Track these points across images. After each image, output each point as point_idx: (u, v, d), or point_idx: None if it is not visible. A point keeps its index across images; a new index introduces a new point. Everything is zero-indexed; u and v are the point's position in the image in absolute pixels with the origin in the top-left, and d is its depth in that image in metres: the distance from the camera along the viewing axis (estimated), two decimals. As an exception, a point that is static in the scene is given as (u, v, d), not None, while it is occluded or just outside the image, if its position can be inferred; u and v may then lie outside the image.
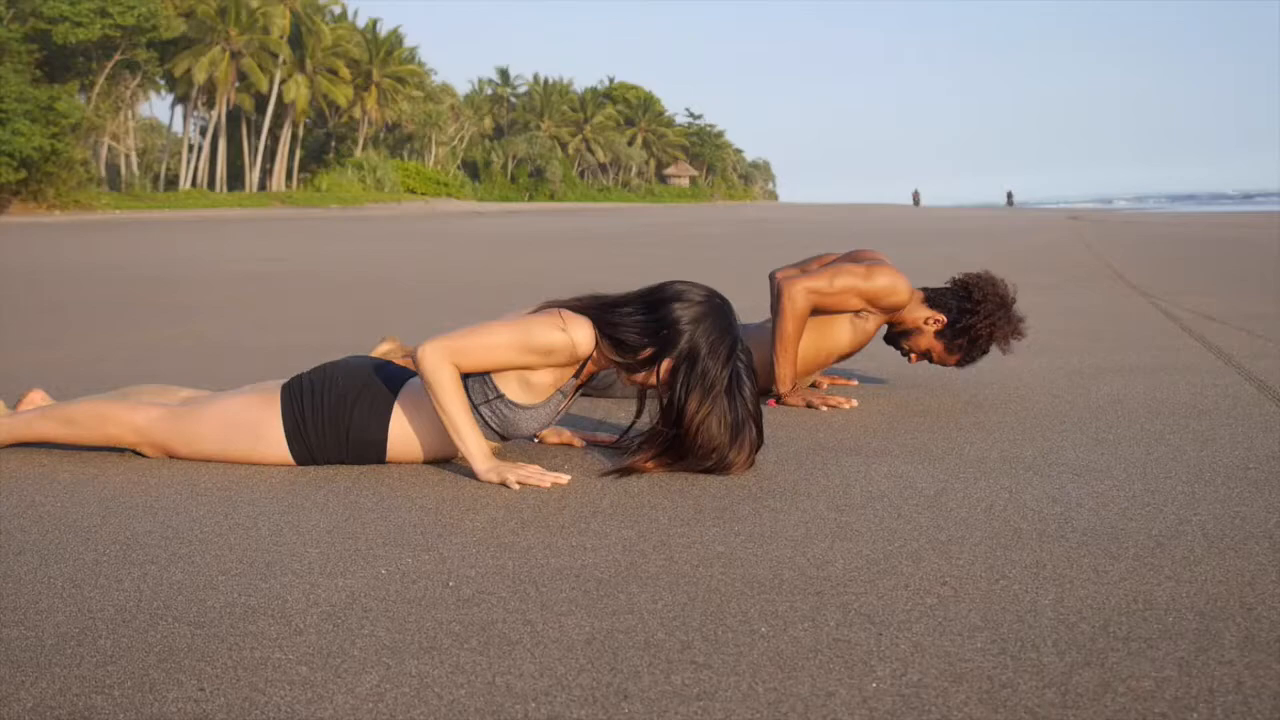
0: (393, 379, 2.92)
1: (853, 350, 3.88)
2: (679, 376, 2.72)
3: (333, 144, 66.61)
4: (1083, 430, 3.32)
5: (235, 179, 63.30)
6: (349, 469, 2.89)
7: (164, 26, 48.69)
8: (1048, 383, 4.21)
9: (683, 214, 42.24)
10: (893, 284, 3.77)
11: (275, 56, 57.65)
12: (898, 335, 3.91)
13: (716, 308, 2.77)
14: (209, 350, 5.50)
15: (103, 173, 53.32)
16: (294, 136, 63.76)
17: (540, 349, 2.73)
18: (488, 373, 2.78)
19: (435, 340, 2.73)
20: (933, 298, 3.87)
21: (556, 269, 12.16)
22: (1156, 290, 8.40)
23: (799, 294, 3.72)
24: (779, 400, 3.76)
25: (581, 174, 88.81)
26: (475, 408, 2.80)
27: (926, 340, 3.85)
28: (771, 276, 3.81)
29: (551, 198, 75.88)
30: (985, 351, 3.84)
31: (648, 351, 2.75)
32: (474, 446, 2.74)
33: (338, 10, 64.48)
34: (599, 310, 2.80)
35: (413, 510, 2.49)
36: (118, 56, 48.29)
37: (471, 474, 2.77)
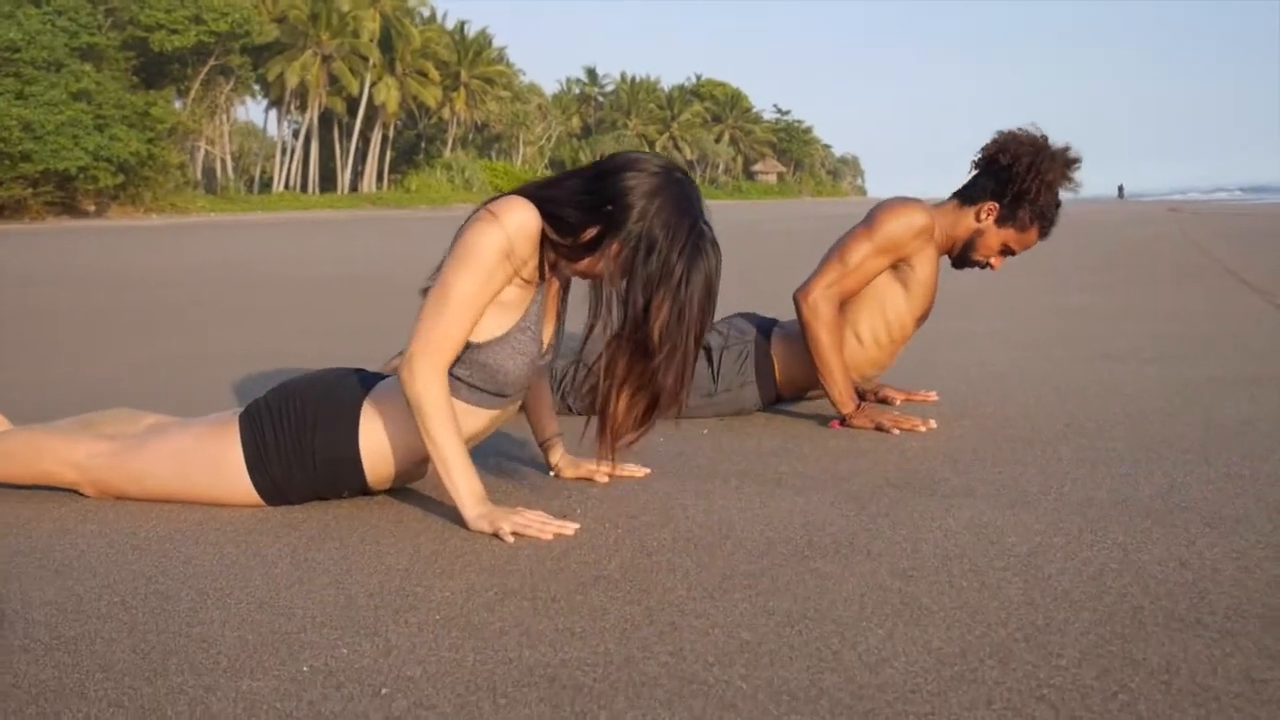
0: (358, 385, 2.45)
1: (925, 305, 3.34)
2: (635, 267, 2.15)
3: (422, 145, 66.97)
4: (1209, 462, 2.74)
5: (327, 181, 63.94)
6: (322, 511, 2.42)
7: (257, 32, 49.23)
8: (1161, 399, 3.61)
9: (767, 211, 41.55)
10: (904, 220, 3.23)
11: (365, 60, 58.08)
12: (964, 254, 3.35)
13: (676, 181, 2.20)
14: (229, 359, 5.11)
15: (199, 176, 54.13)
16: (384, 138, 64.20)
17: (493, 263, 2.21)
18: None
19: (416, 354, 2.25)
20: (968, 194, 3.32)
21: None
22: (1275, 287, 7.65)
23: (816, 299, 3.20)
24: (844, 422, 3.23)
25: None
26: (452, 377, 2.31)
27: (994, 236, 3.29)
28: (794, 298, 3.30)
29: (639, 196, 75.44)
30: (1057, 204, 3.26)
31: (591, 231, 2.20)
32: (464, 487, 2.26)
33: (426, 13, 64.84)
34: (537, 188, 2.29)
35: (375, 573, 2.01)
36: (212, 62, 48.95)
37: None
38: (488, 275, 2.22)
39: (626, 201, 2.16)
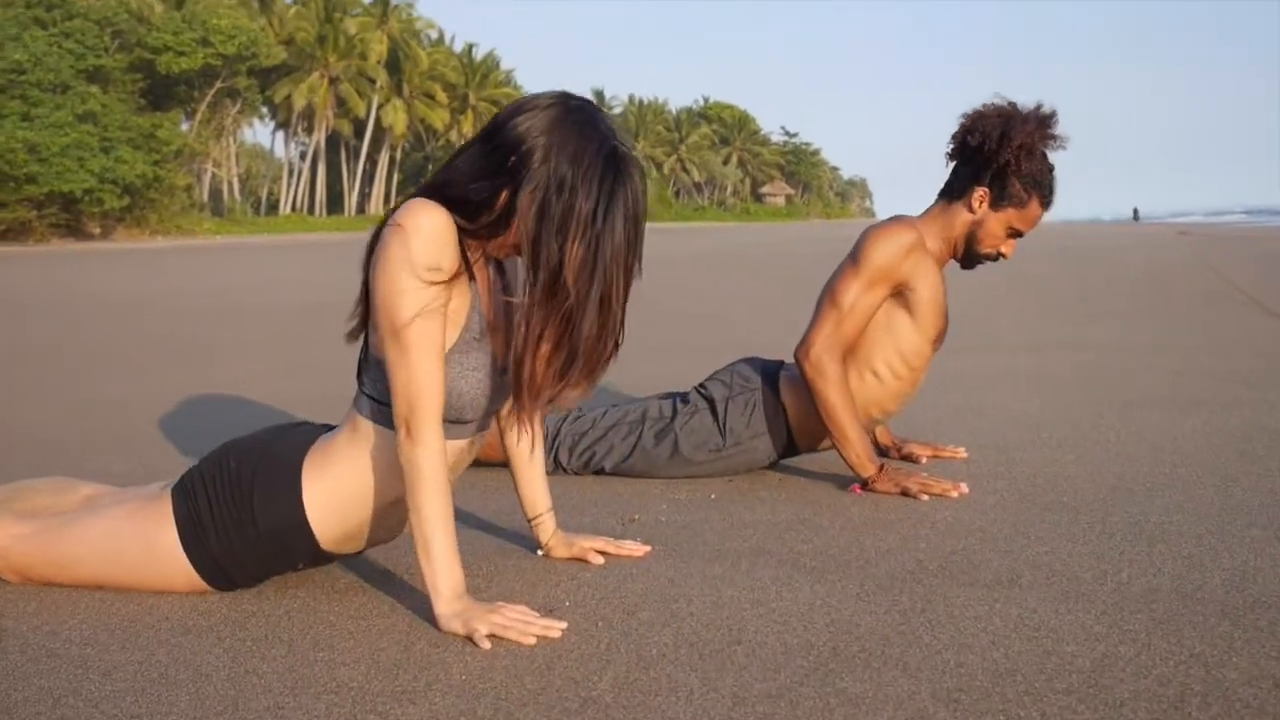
0: (300, 439, 2.15)
1: (938, 325, 3.04)
2: (547, 211, 1.86)
3: (430, 167, 66.78)
4: (1282, 539, 2.42)
5: (335, 203, 63.87)
6: (273, 602, 2.12)
7: (264, 54, 49.19)
8: (1211, 455, 3.29)
9: (775, 233, 41.26)
10: (888, 244, 2.94)
11: (373, 82, 58.06)
12: (969, 251, 3.05)
13: (574, 107, 1.92)
14: (222, 395, 4.81)
15: (205, 198, 54.04)
16: (391, 160, 64.16)
17: (423, 278, 1.90)
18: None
19: (407, 417, 1.94)
20: (952, 189, 3.03)
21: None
22: (1306, 319, 7.34)
23: (818, 355, 2.91)
24: (865, 486, 2.92)
25: (677, 194, 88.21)
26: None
27: (995, 222, 2.99)
28: (795, 357, 3.01)
29: (646, 218, 75.27)
30: (1049, 167, 2.96)
31: (503, 196, 1.90)
32: (441, 577, 1.95)
33: (434, 35, 64.86)
34: (433, 178, 1.99)
35: (324, 694, 1.70)
36: (219, 84, 48.89)
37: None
38: (423, 295, 1.92)
39: (527, 147, 1.88)
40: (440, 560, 1.96)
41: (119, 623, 2.03)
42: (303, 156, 61.92)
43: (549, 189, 1.86)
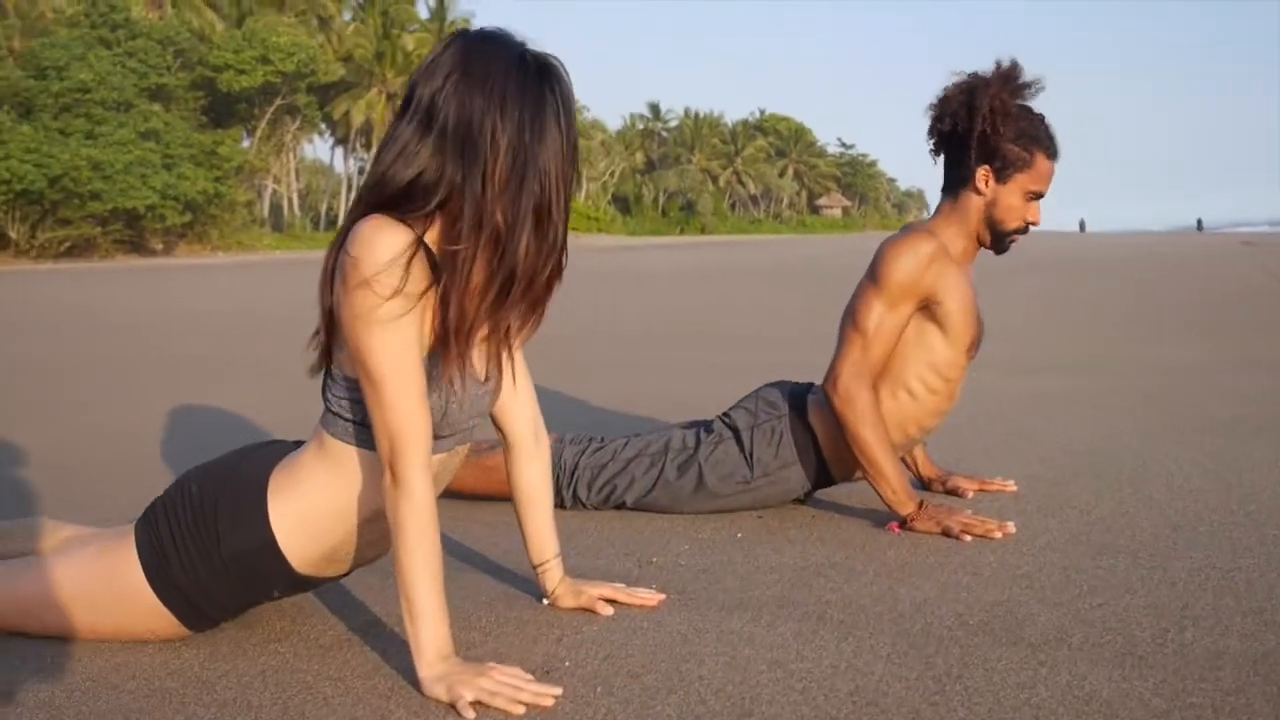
0: (265, 458, 1.99)
1: (972, 332, 2.82)
2: (470, 150, 1.73)
3: (486, 181, 67.22)
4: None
5: (392, 217, 64.28)
6: (248, 659, 1.95)
7: (323, 71, 49.60)
8: (1283, 489, 3.04)
9: (829, 246, 40.84)
10: (907, 258, 2.74)
11: (430, 97, 58.34)
12: (995, 233, 2.83)
13: (471, 37, 1.79)
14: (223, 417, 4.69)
15: (266, 214, 54.62)
16: (448, 175, 64.45)
17: (394, 315, 1.74)
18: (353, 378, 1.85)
19: (392, 462, 1.78)
20: (951, 180, 2.84)
21: (686, 309, 11.18)
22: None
23: (847, 386, 2.72)
24: (904, 525, 2.70)
25: (732, 206, 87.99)
26: (365, 428, 1.86)
27: (1008, 194, 2.77)
28: (823, 390, 2.82)
29: (702, 231, 75.12)
30: (1034, 118, 2.76)
31: (434, 167, 1.75)
32: (426, 635, 1.77)
33: (490, 50, 65.21)
34: (368, 179, 1.83)
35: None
36: (279, 101, 49.37)
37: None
38: (403, 324, 1.76)
39: (437, 102, 1.74)
40: (424, 618, 1.78)
41: (80, 682, 1.87)
42: (361, 171, 62.33)
43: (470, 127, 1.73)
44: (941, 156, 2.85)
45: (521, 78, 1.75)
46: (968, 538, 2.60)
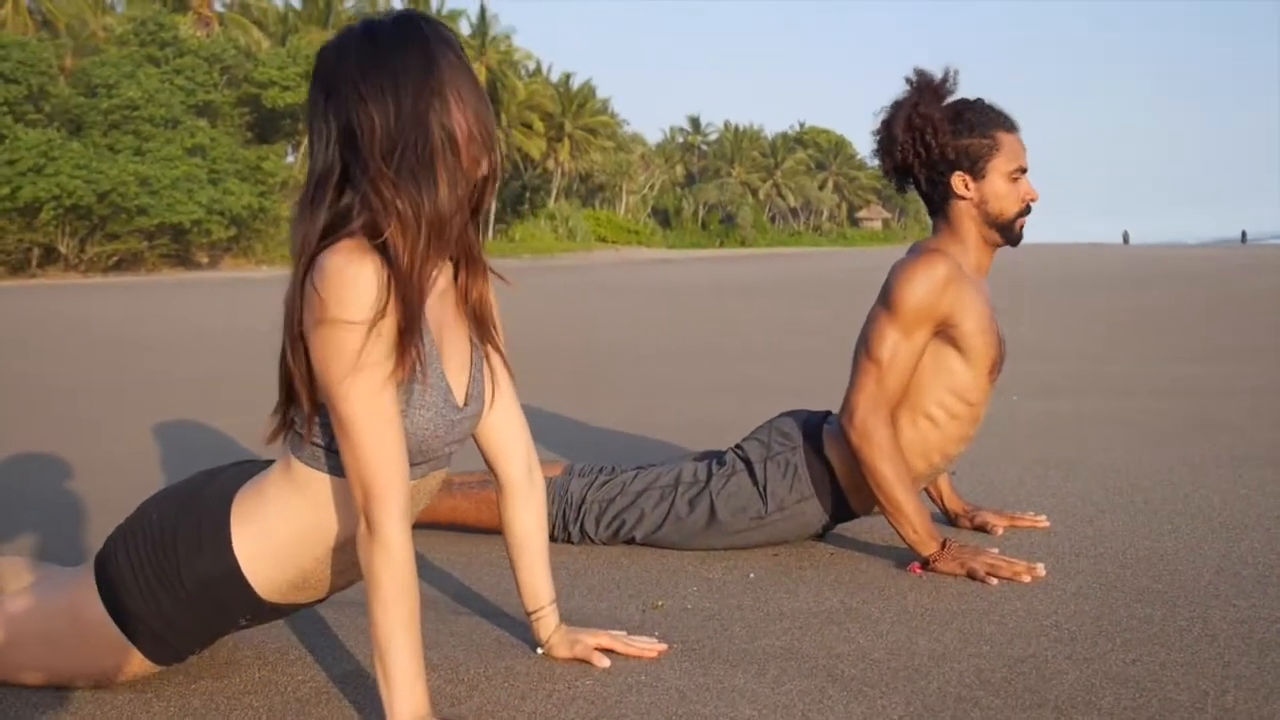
0: (227, 481, 1.87)
1: (993, 353, 2.66)
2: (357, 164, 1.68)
3: (527, 195, 67.31)
4: None
5: (435, 231, 64.58)
6: (222, 712, 1.82)
7: (366, 87, 49.95)
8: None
9: (869, 259, 40.51)
10: (922, 282, 2.58)
11: (471, 112, 58.58)
12: (1000, 228, 2.69)
13: (323, 50, 1.74)
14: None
15: (310, 228, 55.04)
16: (490, 189, 64.65)
17: (371, 359, 1.64)
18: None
19: (367, 506, 1.65)
20: (934, 201, 2.72)
21: (718, 323, 11.03)
22: None
23: (863, 420, 2.57)
24: (926, 566, 2.54)
25: (772, 219, 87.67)
26: (332, 454, 1.75)
27: (991, 186, 2.64)
28: (839, 425, 2.68)
29: (742, 244, 74.85)
30: (974, 107, 2.66)
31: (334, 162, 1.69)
32: (399, 699, 1.64)
33: (531, 66, 65.39)
34: (301, 196, 1.73)
35: None
36: (323, 117, 49.72)
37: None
38: (363, 358, 1.64)
39: (316, 126, 1.69)
40: (398, 679, 1.65)
41: (36, 741, 1.75)
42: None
43: (348, 130, 1.67)
44: (911, 183, 2.77)
45: (367, 52, 1.68)
46: (994, 581, 2.43)
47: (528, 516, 2.05)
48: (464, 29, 59.97)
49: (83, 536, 3.08)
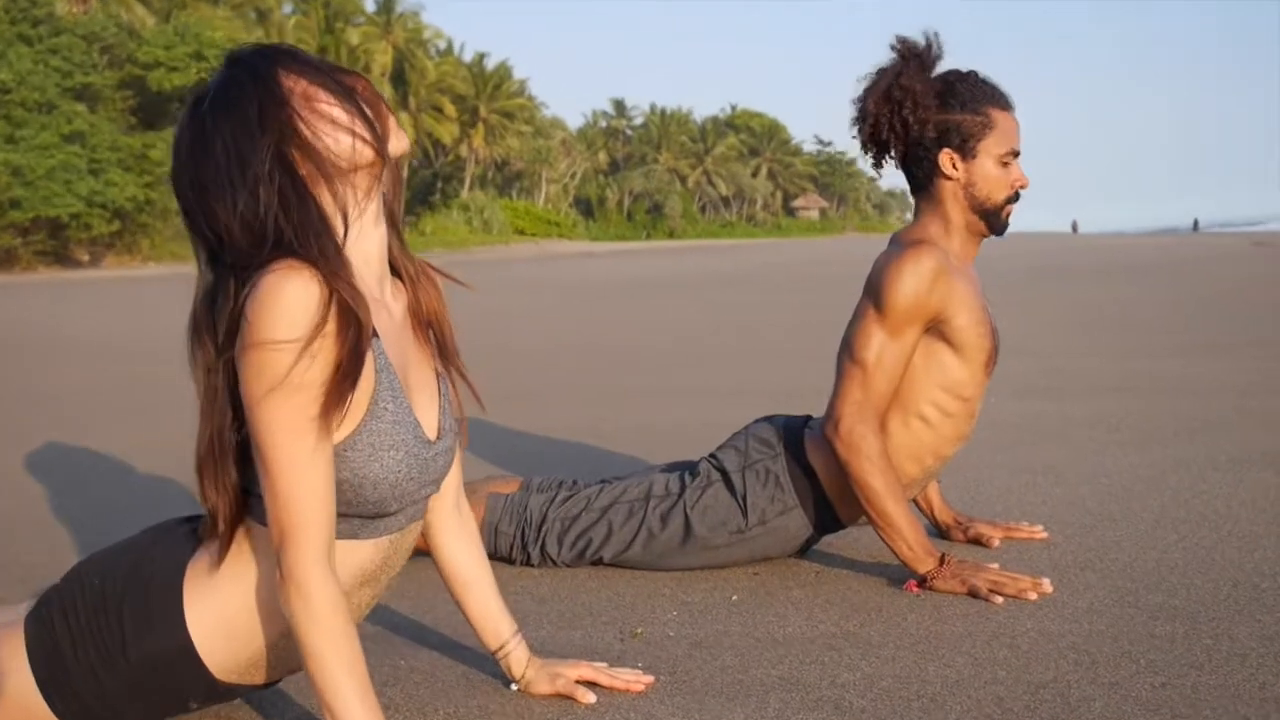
0: (183, 539, 1.78)
1: (987, 346, 2.64)
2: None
3: (439, 185, 66.82)
4: None
5: (338, 224, 63.88)
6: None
7: (262, 68, 49.25)
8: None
9: (809, 250, 40.78)
10: (911, 277, 2.55)
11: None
12: (985, 214, 2.66)
13: (182, 122, 1.73)
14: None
15: (202, 222, 54.19)
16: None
17: (307, 391, 1.56)
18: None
19: (286, 561, 1.57)
20: (920, 182, 2.69)
21: (626, 328, 11.00)
22: None
23: (850, 429, 2.54)
24: (923, 584, 2.51)
25: (703, 208, 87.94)
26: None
27: (980, 167, 2.61)
28: (824, 435, 2.63)
29: (671, 235, 74.97)
30: (968, 77, 2.64)
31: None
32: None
33: (442, 45, 64.91)
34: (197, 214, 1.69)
35: None
36: (214, 101, 48.96)
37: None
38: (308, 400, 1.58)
39: (187, 213, 1.67)
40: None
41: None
42: (304, 175, 62.01)
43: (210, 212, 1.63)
44: (893, 164, 2.73)
45: (196, 138, 1.67)
46: (999, 599, 2.41)
47: (461, 551, 1.99)
48: (369, 5, 59.42)
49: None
